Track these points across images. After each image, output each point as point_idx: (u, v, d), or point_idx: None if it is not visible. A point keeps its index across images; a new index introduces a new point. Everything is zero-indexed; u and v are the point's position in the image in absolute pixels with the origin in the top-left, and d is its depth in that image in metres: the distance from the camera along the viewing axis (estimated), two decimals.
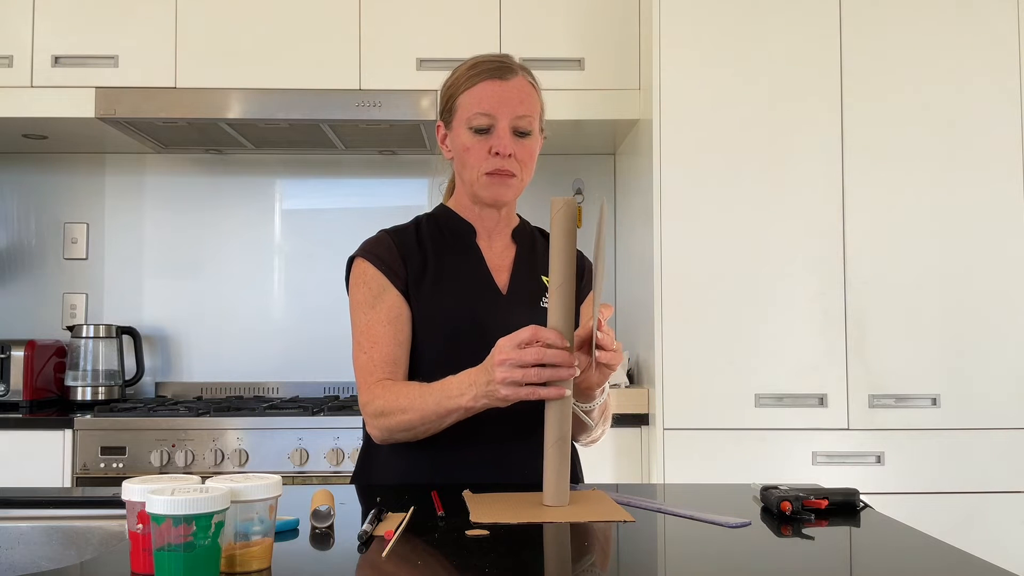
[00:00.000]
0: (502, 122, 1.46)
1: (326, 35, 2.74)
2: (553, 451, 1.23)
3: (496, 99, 1.46)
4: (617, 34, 2.75)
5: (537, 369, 1.21)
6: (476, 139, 1.48)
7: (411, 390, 1.38)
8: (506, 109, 1.46)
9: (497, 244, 1.57)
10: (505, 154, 1.46)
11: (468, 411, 1.33)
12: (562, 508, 1.21)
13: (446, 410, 1.33)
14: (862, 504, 1.25)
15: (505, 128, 1.46)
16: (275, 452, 2.51)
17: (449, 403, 1.32)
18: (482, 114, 1.46)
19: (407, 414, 1.37)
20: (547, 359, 1.21)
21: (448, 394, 1.33)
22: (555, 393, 1.22)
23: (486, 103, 1.46)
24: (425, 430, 1.38)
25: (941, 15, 2.49)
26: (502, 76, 1.48)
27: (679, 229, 2.45)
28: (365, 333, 1.47)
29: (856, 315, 2.43)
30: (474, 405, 1.30)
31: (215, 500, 0.83)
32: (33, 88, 2.71)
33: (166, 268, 3.16)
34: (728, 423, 2.40)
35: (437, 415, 1.34)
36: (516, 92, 1.47)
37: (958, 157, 2.47)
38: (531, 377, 1.22)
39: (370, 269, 1.49)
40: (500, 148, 1.46)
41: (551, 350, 1.21)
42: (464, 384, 1.31)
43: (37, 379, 2.86)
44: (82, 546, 1.27)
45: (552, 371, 1.21)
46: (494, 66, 1.49)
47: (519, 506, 1.21)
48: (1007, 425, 2.41)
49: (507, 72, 1.48)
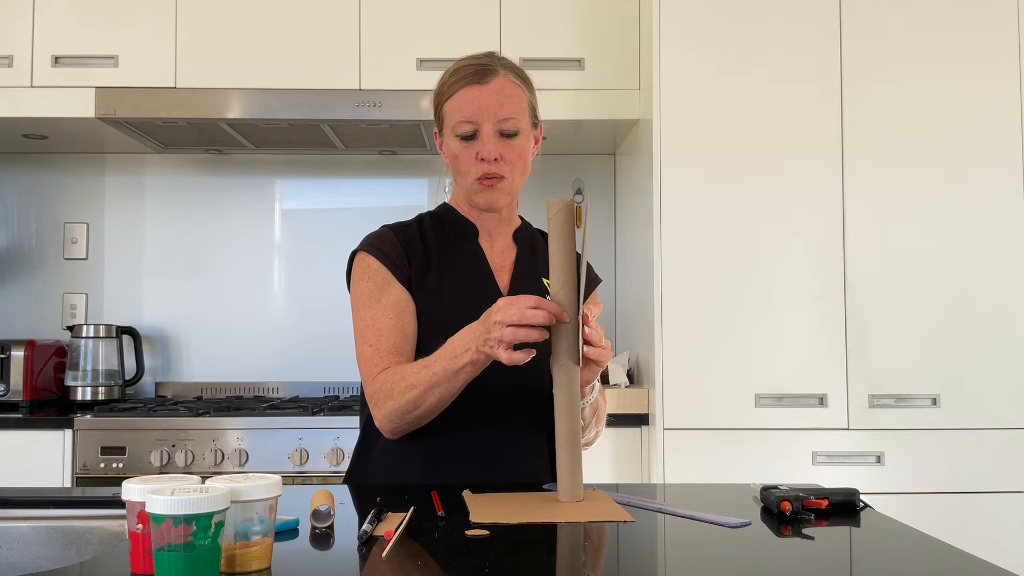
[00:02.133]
0: (485, 127, 1.46)
1: (326, 35, 2.74)
2: (565, 448, 1.24)
3: (476, 105, 1.46)
4: (617, 34, 2.75)
5: (527, 329, 1.22)
6: (463, 146, 1.48)
7: (415, 366, 1.38)
8: (487, 113, 1.45)
9: (499, 244, 1.57)
10: (490, 159, 1.46)
11: (475, 365, 1.31)
12: (562, 508, 1.21)
13: (454, 371, 1.32)
14: (862, 504, 1.25)
15: (489, 133, 1.46)
16: (275, 452, 2.51)
17: (455, 362, 1.32)
18: (465, 121, 1.46)
19: (415, 389, 1.36)
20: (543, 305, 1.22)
21: (454, 353, 1.32)
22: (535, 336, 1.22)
23: (467, 110, 1.46)
24: (436, 400, 1.36)
25: (941, 16, 2.48)
26: (481, 80, 1.47)
27: (679, 229, 2.45)
28: (370, 327, 1.46)
29: (856, 315, 2.43)
30: (478, 358, 1.30)
31: (215, 500, 0.83)
32: (33, 88, 2.71)
33: (166, 268, 3.16)
34: (728, 423, 2.40)
35: (446, 378, 1.33)
36: (496, 95, 1.46)
37: (957, 159, 2.47)
38: (521, 336, 1.22)
39: (373, 263, 1.49)
40: (484, 154, 1.46)
41: (539, 311, 1.22)
42: (467, 338, 1.31)
43: (37, 379, 2.86)
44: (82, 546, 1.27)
45: (540, 332, 1.22)
46: (473, 70, 1.48)
47: (519, 506, 1.21)
48: (1007, 425, 2.41)
49: (486, 75, 1.47)
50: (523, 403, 1.48)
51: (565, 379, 1.25)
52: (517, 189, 1.53)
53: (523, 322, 1.22)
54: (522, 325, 1.22)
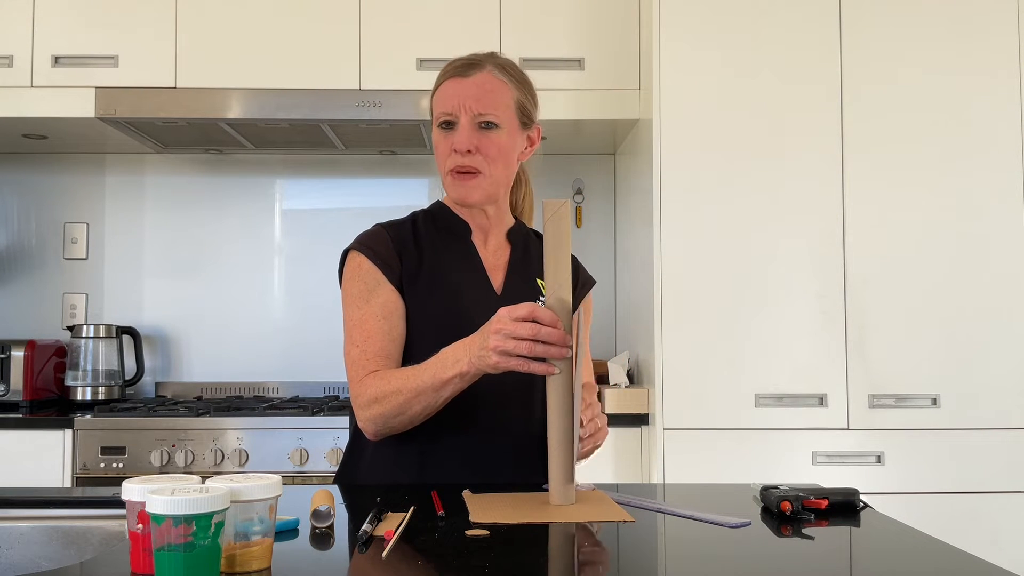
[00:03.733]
0: (462, 118, 1.46)
1: (326, 35, 2.74)
2: (558, 451, 1.23)
3: (456, 97, 1.47)
4: (617, 34, 2.75)
5: (529, 343, 1.22)
6: (442, 137, 1.49)
7: (404, 372, 1.38)
8: (465, 104, 1.46)
9: (492, 243, 1.56)
10: (462, 150, 1.45)
11: (463, 377, 1.31)
12: (562, 508, 1.21)
13: (442, 380, 1.32)
14: (862, 504, 1.25)
15: (465, 124, 1.46)
16: (275, 452, 2.51)
17: (445, 372, 1.32)
18: (444, 113, 1.48)
19: (401, 395, 1.36)
20: (542, 336, 1.21)
21: (444, 364, 1.32)
22: (543, 369, 1.22)
23: (448, 102, 1.47)
24: (421, 409, 1.36)
25: (941, 15, 2.48)
26: (464, 73, 1.48)
27: (679, 229, 2.45)
28: (358, 327, 1.46)
29: (856, 315, 2.43)
30: (469, 371, 1.30)
31: (215, 500, 0.83)
32: (33, 88, 2.71)
33: (166, 268, 3.16)
34: (728, 423, 2.40)
35: (434, 388, 1.33)
36: (476, 88, 1.47)
37: (958, 158, 2.47)
38: (522, 349, 1.22)
39: (365, 263, 1.48)
40: (457, 144, 1.46)
41: (545, 328, 1.21)
42: (460, 351, 1.31)
43: (37, 379, 2.86)
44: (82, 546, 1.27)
45: (544, 348, 1.22)
46: (460, 64, 1.50)
47: (519, 506, 1.21)
48: (1007, 425, 2.41)
49: (470, 69, 1.48)
50: (515, 404, 1.48)
51: (557, 380, 1.24)
52: (495, 185, 1.50)
53: (533, 338, 1.22)
54: (523, 339, 1.22)
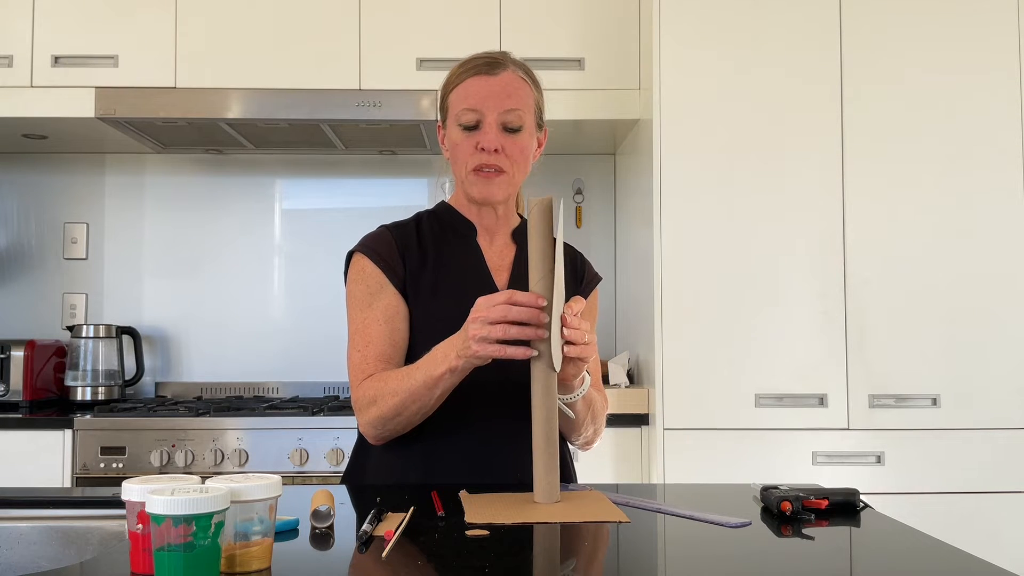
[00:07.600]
0: (489, 117, 1.45)
1: (326, 35, 2.74)
2: (541, 449, 1.24)
3: (483, 94, 1.45)
4: (617, 34, 2.75)
5: (504, 326, 1.21)
6: (464, 135, 1.47)
7: (398, 373, 1.39)
8: (492, 103, 1.45)
9: (497, 243, 1.56)
10: (490, 149, 1.44)
11: (454, 372, 1.31)
12: (558, 508, 1.20)
13: (434, 378, 1.33)
14: (862, 504, 1.25)
15: (492, 123, 1.45)
16: (275, 452, 2.51)
17: (436, 369, 1.32)
18: (469, 110, 1.45)
19: (397, 396, 1.36)
20: (511, 316, 1.21)
21: (435, 361, 1.33)
22: (522, 352, 1.22)
23: (472, 98, 1.46)
24: (417, 409, 1.37)
25: (941, 15, 2.48)
26: (490, 71, 1.47)
27: (679, 229, 2.45)
28: (360, 331, 1.46)
29: (856, 315, 2.43)
30: (458, 365, 1.30)
31: (215, 500, 0.83)
32: (33, 88, 2.71)
33: (166, 268, 3.16)
34: (728, 423, 2.40)
35: (427, 386, 1.34)
36: (503, 86, 1.46)
37: (958, 158, 2.47)
38: (497, 332, 1.22)
39: (369, 265, 1.48)
40: (485, 143, 1.44)
41: (516, 307, 1.21)
42: (448, 346, 1.32)
43: (37, 379, 2.86)
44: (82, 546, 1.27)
45: (519, 329, 1.22)
46: (483, 62, 1.48)
47: (515, 506, 1.21)
48: (1007, 425, 2.41)
49: (496, 67, 1.47)
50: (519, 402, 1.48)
51: (541, 377, 1.24)
52: (516, 185, 1.52)
53: (504, 319, 1.22)
54: (500, 322, 1.22)
